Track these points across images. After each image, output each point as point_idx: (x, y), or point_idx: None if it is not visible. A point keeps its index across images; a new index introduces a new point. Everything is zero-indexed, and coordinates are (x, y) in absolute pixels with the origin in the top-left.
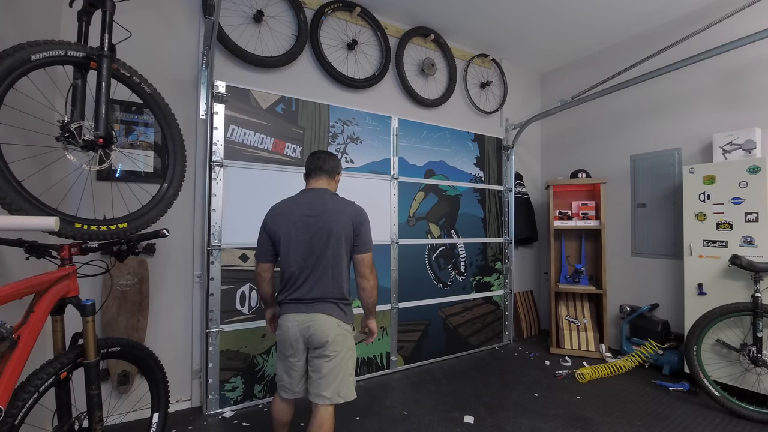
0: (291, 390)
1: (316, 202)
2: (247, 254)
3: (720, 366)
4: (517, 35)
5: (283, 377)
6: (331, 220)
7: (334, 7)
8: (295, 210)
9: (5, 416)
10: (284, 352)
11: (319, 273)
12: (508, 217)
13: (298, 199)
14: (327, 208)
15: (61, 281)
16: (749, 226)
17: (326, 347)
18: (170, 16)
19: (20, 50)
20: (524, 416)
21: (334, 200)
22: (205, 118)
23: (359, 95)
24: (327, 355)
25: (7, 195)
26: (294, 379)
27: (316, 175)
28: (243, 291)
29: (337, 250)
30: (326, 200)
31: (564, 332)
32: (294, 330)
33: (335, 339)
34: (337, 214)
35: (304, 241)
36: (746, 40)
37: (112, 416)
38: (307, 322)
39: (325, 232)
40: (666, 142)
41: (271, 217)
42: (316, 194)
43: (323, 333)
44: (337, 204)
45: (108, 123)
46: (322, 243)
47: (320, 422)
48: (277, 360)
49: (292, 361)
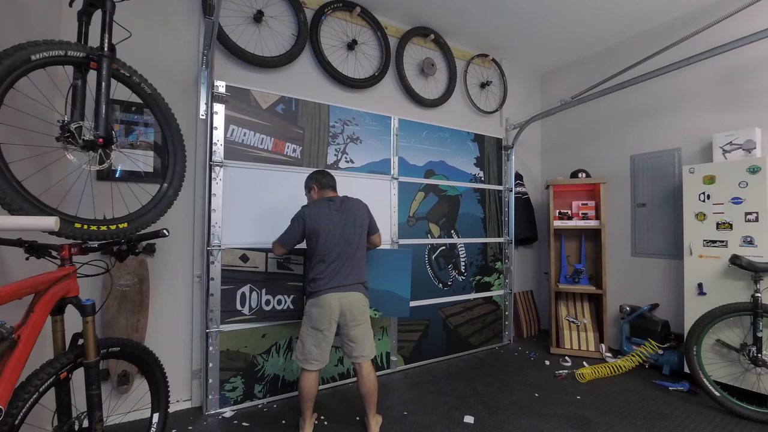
0: (321, 360)
1: (339, 203)
2: (247, 255)
3: (720, 366)
4: (517, 35)
5: (312, 350)
6: (355, 214)
7: (334, 7)
8: (328, 210)
9: (5, 416)
10: (319, 326)
11: (354, 262)
12: (508, 217)
13: (328, 203)
14: (348, 206)
15: (61, 281)
16: (749, 226)
17: (358, 316)
18: (170, 16)
19: (20, 50)
20: (524, 416)
21: (349, 200)
22: (205, 118)
23: (359, 95)
24: (359, 321)
25: (7, 195)
26: (323, 350)
27: (331, 188)
28: (243, 291)
29: (362, 238)
30: (345, 201)
31: (564, 332)
32: (336, 304)
33: (363, 309)
34: (356, 209)
35: (339, 233)
36: (746, 40)
37: (112, 416)
38: (347, 297)
39: (355, 223)
40: (666, 142)
41: (310, 216)
42: (338, 199)
43: (358, 304)
44: (352, 201)
45: (108, 123)
46: (355, 233)
47: (368, 373)
48: (306, 337)
49: (326, 334)
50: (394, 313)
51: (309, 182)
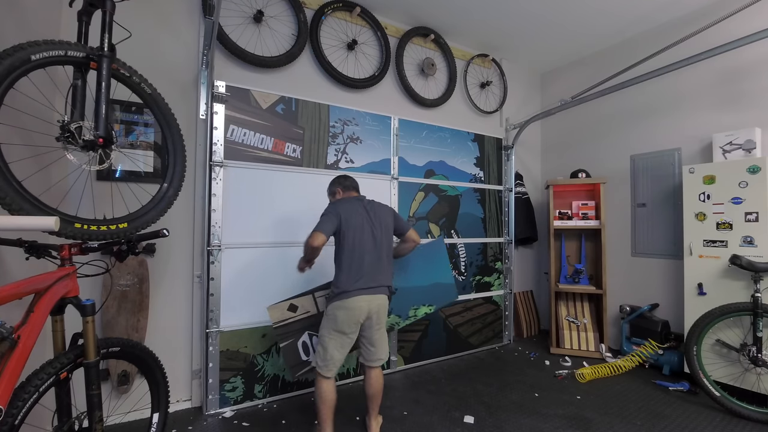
0: (339, 365)
1: (368, 202)
2: (294, 304)
3: (720, 366)
4: (517, 35)
5: (335, 355)
6: (381, 215)
7: (334, 7)
8: (359, 206)
9: (5, 416)
10: (346, 329)
11: (382, 264)
12: (508, 217)
13: (358, 201)
14: (375, 206)
15: (61, 281)
16: (749, 226)
17: (383, 319)
18: (170, 16)
19: (20, 50)
20: (524, 416)
21: (374, 201)
22: (205, 118)
23: (359, 95)
24: (381, 325)
25: (7, 195)
26: (344, 354)
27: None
28: (304, 341)
29: (389, 241)
30: (372, 202)
31: (564, 332)
32: (365, 307)
33: (386, 313)
34: (382, 211)
35: (369, 231)
36: (746, 40)
37: (112, 416)
38: (376, 300)
39: (381, 224)
40: (666, 142)
41: (343, 208)
42: (366, 199)
43: (384, 308)
44: (377, 203)
45: (108, 123)
46: (383, 234)
47: (377, 375)
48: (328, 341)
49: (352, 338)
50: (444, 300)
51: (332, 187)
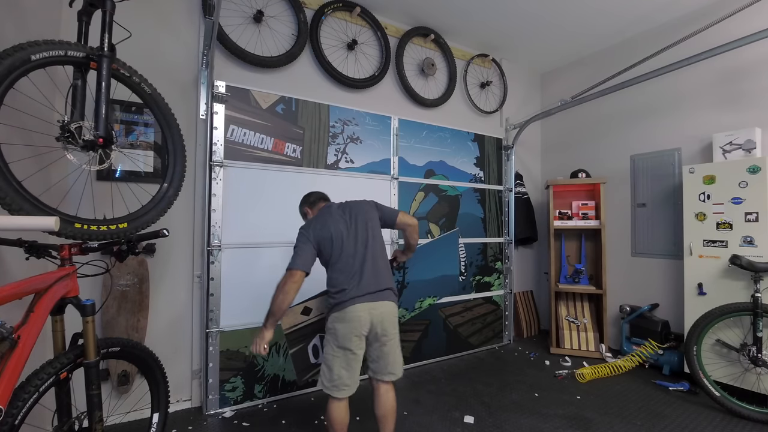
0: (351, 385)
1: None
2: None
3: (720, 366)
4: (517, 35)
5: (343, 374)
6: (358, 213)
7: (334, 7)
8: (330, 215)
9: (5, 416)
10: (347, 344)
11: (376, 264)
12: (508, 217)
13: (328, 210)
14: (350, 207)
15: (61, 281)
16: (749, 226)
17: (390, 329)
18: (170, 16)
19: (20, 50)
20: (524, 416)
21: (349, 202)
22: (205, 118)
23: (359, 95)
24: (390, 336)
25: (7, 195)
26: (354, 372)
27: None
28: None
29: (378, 237)
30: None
31: (564, 332)
32: (365, 317)
33: (394, 321)
34: (360, 208)
35: (352, 235)
36: (746, 40)
37: (112, 416)
38: (378, 307)
39: (366, 223)
40: (666, 142)
41: (314, 227)
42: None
43: (390, 316)
44: (353, 203)
45: (108, 123)
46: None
47: (386, 391)
48: (332, 360)
49: (357, 353)
50: (446, 292)
51: (301, 209)
